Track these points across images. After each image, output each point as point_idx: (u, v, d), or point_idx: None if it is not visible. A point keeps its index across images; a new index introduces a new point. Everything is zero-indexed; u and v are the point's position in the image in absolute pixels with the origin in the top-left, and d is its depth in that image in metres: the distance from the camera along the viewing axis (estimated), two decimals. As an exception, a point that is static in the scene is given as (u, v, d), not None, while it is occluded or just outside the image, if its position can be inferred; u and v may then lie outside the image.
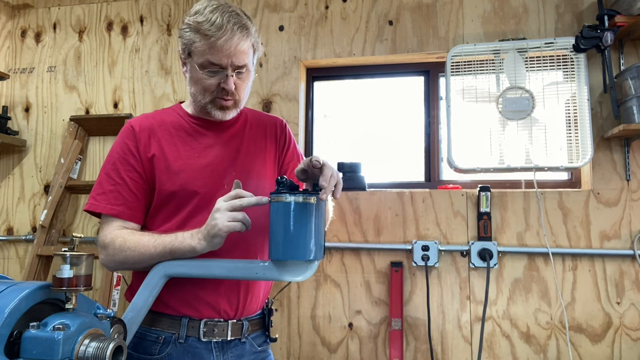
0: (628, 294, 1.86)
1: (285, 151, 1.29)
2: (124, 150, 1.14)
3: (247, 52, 1.12)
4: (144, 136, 1.15)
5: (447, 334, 1.97)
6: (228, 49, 1.07)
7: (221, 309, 1.12)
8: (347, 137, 2.40)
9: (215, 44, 1.07)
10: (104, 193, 1.12)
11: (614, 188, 1.92)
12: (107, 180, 1.13)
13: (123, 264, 1.09)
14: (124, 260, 1.07)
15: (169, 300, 1.11)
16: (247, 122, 1.27)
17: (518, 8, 2.09)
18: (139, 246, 1.05)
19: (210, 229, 0.98)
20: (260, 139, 1.25)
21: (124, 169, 1.13)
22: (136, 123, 1.18)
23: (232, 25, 1.07)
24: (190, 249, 1.01)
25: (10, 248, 2.46)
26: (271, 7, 2.33)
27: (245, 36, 1.10)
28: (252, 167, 1.20)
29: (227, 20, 1.07)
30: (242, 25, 1.09)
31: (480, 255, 1.94)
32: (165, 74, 2.41)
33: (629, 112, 1.83)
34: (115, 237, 1.08)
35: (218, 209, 0.98)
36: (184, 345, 1.10)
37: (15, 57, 2.60)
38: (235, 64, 1.10)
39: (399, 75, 2.35)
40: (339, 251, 2.09)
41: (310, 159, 0.95)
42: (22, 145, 2.48)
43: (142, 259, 1.05)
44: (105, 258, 1.10)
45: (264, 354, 1.22)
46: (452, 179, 2.18)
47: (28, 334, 0.65)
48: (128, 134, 1.16)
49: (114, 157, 1.14)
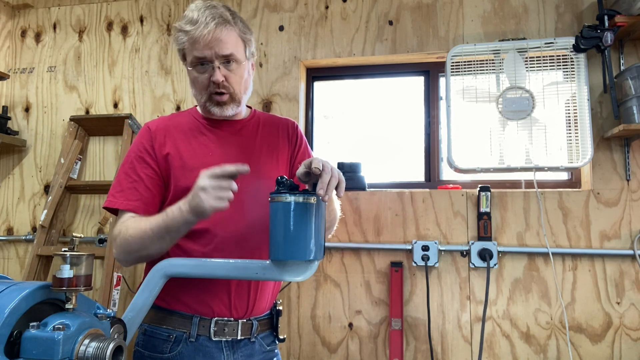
0: (628, 294, 1.86)
1: (297, 151, 1.32)
2: (140, 150, 1.18)
3: (228, 41, 1.14)
4: (160, 135, 1.19)
5: (447, 334, 1.97)
6: (206, 39, 1.11)
7: (232, 307, 1.13)
8: (347, 137, 2.40)
9: (194, 37, 1.12)
10: (122, 191, 1.15)
11: (614, 188, 1.92)
12: (125, 179, 1.16)
13: (130, 252, 1.09)
14: (129, 248, 1.08)
15: (183, 296, 1.13)
16: (260, 123, 1.30)
17: (518, 8, 2.09)
18: (139, 230, 1.06)
19: (196, 207, 0.97)
20: (273, 139, 1.28)
21: (140, 166, 1.16)
22: (153, 124, 1.23)
23: (206, 17, 1.12)
24: (183, 222, 1.01)
25: (10, 248, 2.46)
26: (271, 7, 2.33)
27: (223, 25, 1.13)
28: (264, 168, 1.22)
29: (203, 14, 1.13)
30: (219, 16, 1.13)
31: (480, 255, 1.94)
32: (165, 74, 2.41)
33: (629, 112, 1.83)
34: (122, 227, 1.10)
35: (203, 187, 0.95)
36: (195, 344, 1.11)
37: (15, 57, 2.60)
38: (219, 53, 1.13)
39: (399, 75, 2.35)
40: (339, 251, 2.09)
41: (310, 162, 0.95)
42: (22, 145, 2.48)
43: (143, 243, 1.06)
44: (116, 250, 1.12)
45: (272, 353, 1.24)
46: (452, 179, 2.18)
47: (28, 334, 0.65)
48: (144, 134, 1.21)
49: (131, 157, 1.18)
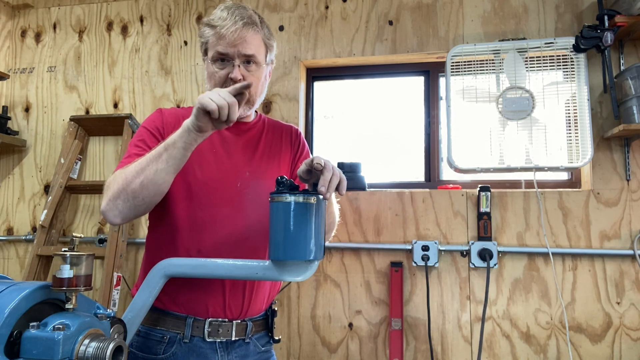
0: (628, 294, 1.86)
1: (299, 157, 1.33)
2: (151, 127, 1.18)
3: (253, 42, 1.16)
4: (171, 120, 1.20)
5: (447, 334, 1.97)
6: (232, 36, 1.13)
7: (227, 308, 1.13)
8: (347, 137, 2.40)
9: (221, 32, 1.14)
10: (130, 156, 1.12)
11: (614, 188, 1.92)
12: (133, 148, 1.15)
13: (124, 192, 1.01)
14: (125, 182, 1.01)
15: (177, 297, 1.12)
16: (265, 127, 1.31)
17: (518, 8, 2.09)
18: (135, 164, 1.02)
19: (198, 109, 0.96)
20: (277, 143, 1.30)
21: (150, 140, 1.15)
22: (165, 110, 1.24)
23: (236, 17, 1.14)
24: (179, 135, 1.00)
25: (10, 248, 2.46)
26: (271, 7, 2.33)
27: (250, 26, 1.15)
28: (266, 169, 1.23)
29: (233, 13, 1.15)
30: (248, 17, 1.16)
31: (480, 255, 1.94)
32: (165, 74, 2.41)
33: (629, 112, 1.83)
34: (115, 174, 1.06)
35: (208, 94, 0.96)
36: (189, 345, 1.11)
37: (15, 57, 2.60)
38: (242, 52, 1.15)
39: (399, 75, 2.35)
40: (339, 251, 2.09)
41: (312, 160, 0.95)
42: (22, 145, 2.48)
43: (137, 176, 1.00)
44: (106, 194, 1.04)
45: (268, 354, 1.24)
46: (452, 179, 2.18)
47: (28, 334, 0.65)
48: (157, 115, 1.22)
49: (142, 132, 1.18)
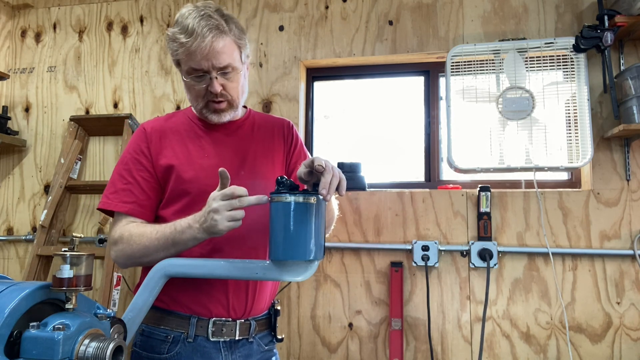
0: (628, 294, 1.86)
1: (292, 151, 1.31)
2: (135, 151, 1.17)
3: (225, 51, 1.11)
4: (155, 137, 1.18)
5: (447, 334, 1.97)
6: (203, 52, 1.08)
7: (230, 307, 1.13)
8: (347, 137, 2.40)
9: (191, 49, 1.09)
10: (116, 192, 1.14)
11: (614, 188, 1.92)
12: (119, 180, 1.15)
13: (131, 258, 1.10)
14: (132, 254, 1.08)
15: (180, 297, 1.13)
16: (255, 124, 1.29)
17: (518, 8, 2.09)
18: (143, 238, 1.06)
19: (210, 227, 0.99)
20: (269, 140, 1.28)
21: (136, 168, 1.15)
22: (148, 125, 1.22)
23: (203, 28, 1.07)
24: (192, 238, 1.03)
25: (10, 248, 2.46)
26: (271, 7, 2.33)
27: (219, 36, 1.09)
28: (260, 168, 1.22)
29: (199, 24, 1.08)
30: (214, 27, 1.09)
31: (480, 255, 1.94)
32: (165, 74, 2.41)
33: (629, 112, 1.83)
34: (124, 232, 1.10)
35: (217, 209, 0.97)
36: (193, 344, 1.12)
37: (15, 57, 2.60)
38: (217, 65, 1.11)
39: (399, 75, 2.35)
40: (339, 251, 2.09)
41: (312, 161, 0.95)
42: (22, 145, 2.48)
43: (147, 251, 1.06)
44: (115, 254, 1.12)
45: (270, 353, 1.24)
46: (452, 179, 2.18)
47: (28, 334, 0.65)
48: (140, 135, 1.20)
49: (126, 158, 1.17)
